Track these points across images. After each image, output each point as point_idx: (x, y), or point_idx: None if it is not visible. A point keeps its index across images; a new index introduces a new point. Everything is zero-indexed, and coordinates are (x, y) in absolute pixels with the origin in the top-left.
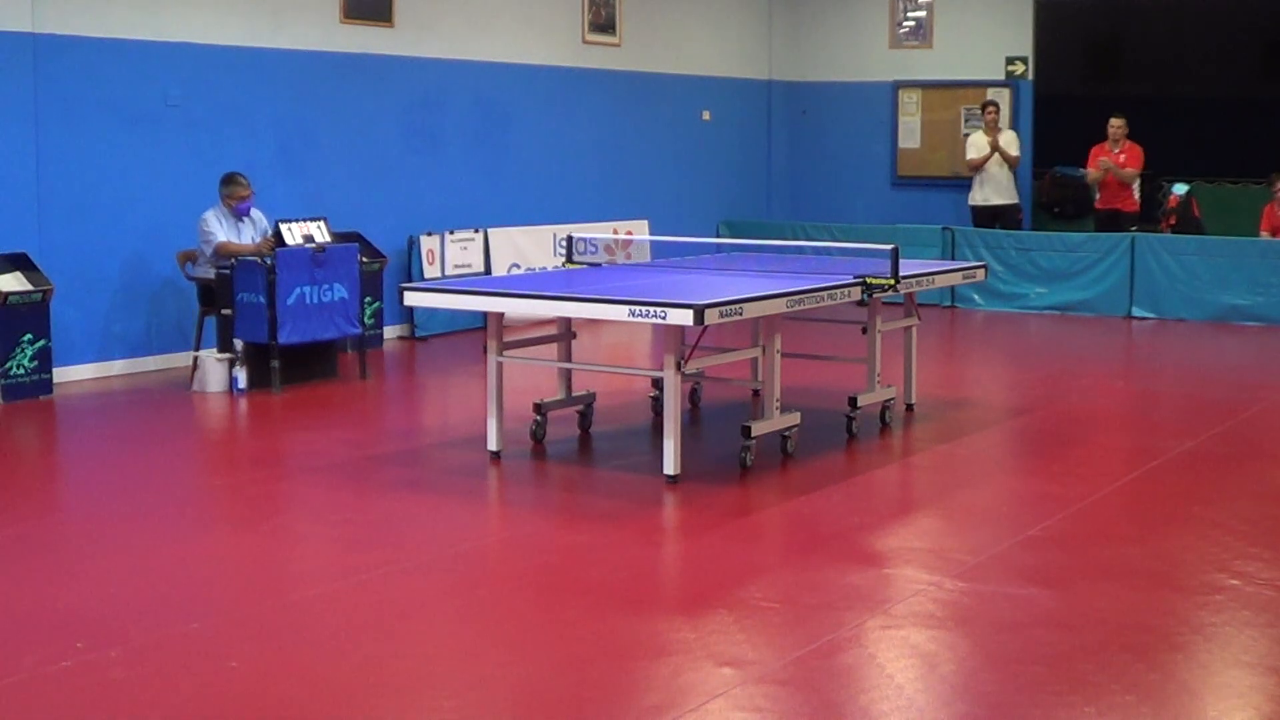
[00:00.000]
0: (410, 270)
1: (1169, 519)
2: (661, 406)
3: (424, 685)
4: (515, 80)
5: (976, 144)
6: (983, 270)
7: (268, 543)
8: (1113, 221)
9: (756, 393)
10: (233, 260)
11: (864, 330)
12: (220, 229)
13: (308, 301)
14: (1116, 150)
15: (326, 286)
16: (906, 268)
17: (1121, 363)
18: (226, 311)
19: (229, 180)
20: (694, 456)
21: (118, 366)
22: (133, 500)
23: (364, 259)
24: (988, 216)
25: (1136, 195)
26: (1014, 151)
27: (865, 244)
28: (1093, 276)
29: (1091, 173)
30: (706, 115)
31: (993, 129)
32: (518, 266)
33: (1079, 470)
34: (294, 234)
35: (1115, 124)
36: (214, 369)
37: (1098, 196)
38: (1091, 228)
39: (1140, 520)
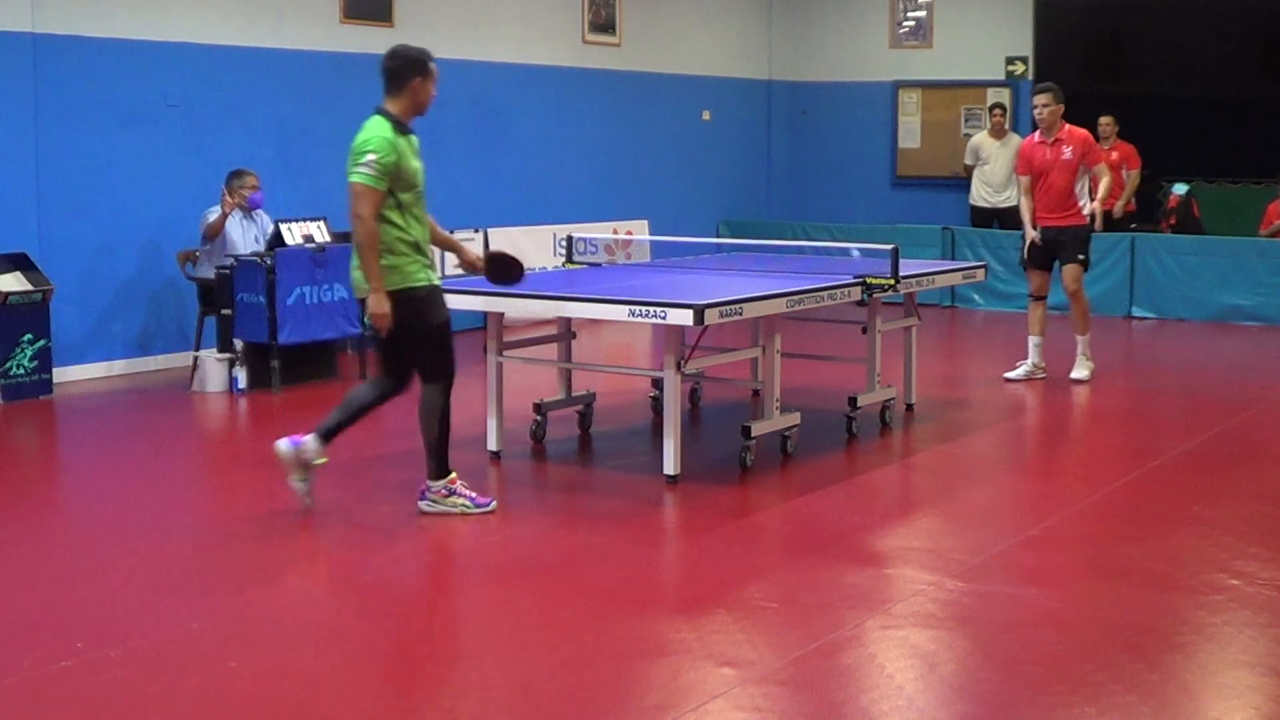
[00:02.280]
0: None
1: (1169, 519)
2: (661, 406)
3: (424, 685)
4: (515, 80)
5: (980, 146)
6: (983, 270)
7: (268, 543)
8: (1106, 221)
9: (756, 393)
10: (232, 260)
11: (864, 330)
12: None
13: (308, 301)
14: (1107, 148)
15: (326, 286)
16: (906, 268)
17: (1121, 363)
18: (226, 311)
19: (237, 174)
20: (694, 456)
21: (118, 366)
22: (133, 500)
23: None
24: (987, 216)
25: (1128, 192)
26: None
27: (865, 244)
28: (1092, 276)
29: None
30: (706, 115)
31: (999, 132)
32: None
33: (1079, 470)
34: (294, 234)
35: (1104, 122)
36: (214, 369)
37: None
38: None
39: (1140, 520)
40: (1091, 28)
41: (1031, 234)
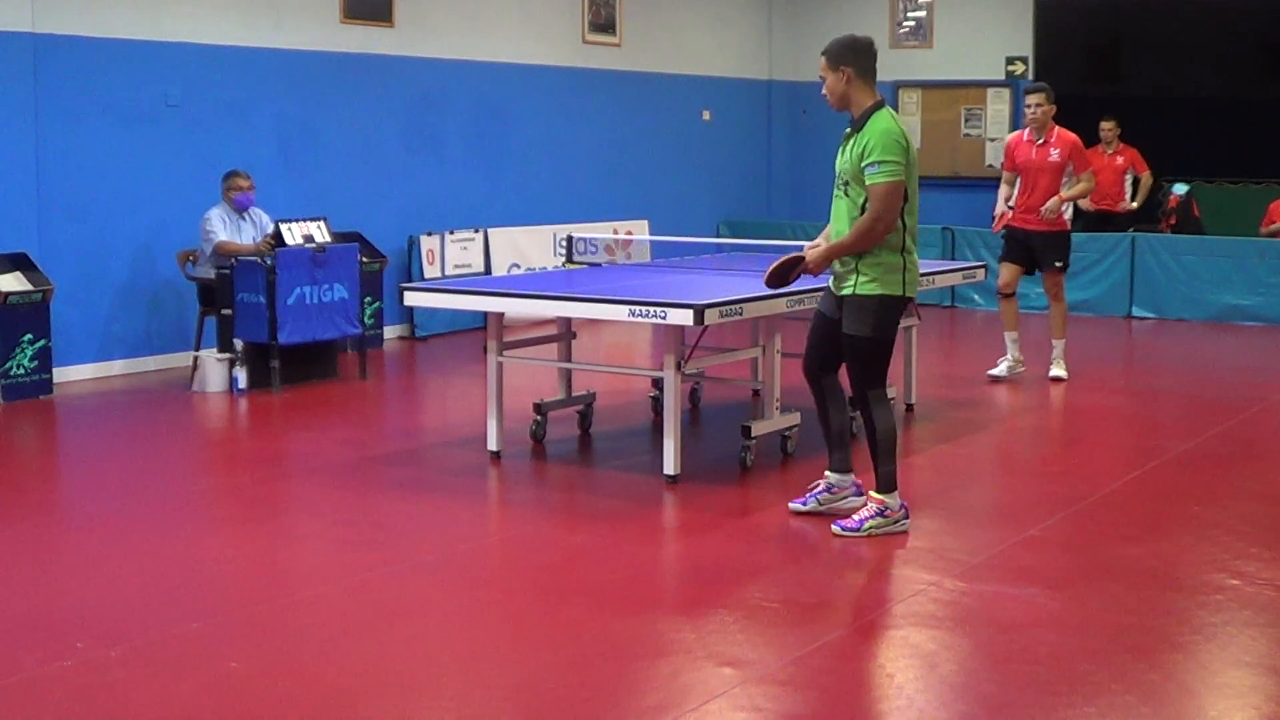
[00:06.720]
0: (410, 270)
1: (1169, 519)
2: (661, 406)
3: (424, 685)
4: (515, 80)
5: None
6: (983, 270)
7: (268, 543)
8: (1104, 223)
9: (756, 393)
10: (233, 260)
11: None
12: (222, 228)
13: (308, 301)
14: (1110, 152)
15: (326, 286)
16: None
17: (1121, 363)
18: (226, 311)
19: (230, 175)
20: (694, 456)
21: (118, 366)
22: (133, 500)
23: (364, 259)
24: None
25: (1128, 196)
26: None
27: None
28: (1093, 276)
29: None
30: (706, 115)
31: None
32: (518, 266)
33: (1079, 470)
34: (294, 234)
35: (1106, 126)
36: (214, 369)
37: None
38: (1079, 228)
39: (1140, 520)
40: (1091, 28)
41: (1002, 207)
